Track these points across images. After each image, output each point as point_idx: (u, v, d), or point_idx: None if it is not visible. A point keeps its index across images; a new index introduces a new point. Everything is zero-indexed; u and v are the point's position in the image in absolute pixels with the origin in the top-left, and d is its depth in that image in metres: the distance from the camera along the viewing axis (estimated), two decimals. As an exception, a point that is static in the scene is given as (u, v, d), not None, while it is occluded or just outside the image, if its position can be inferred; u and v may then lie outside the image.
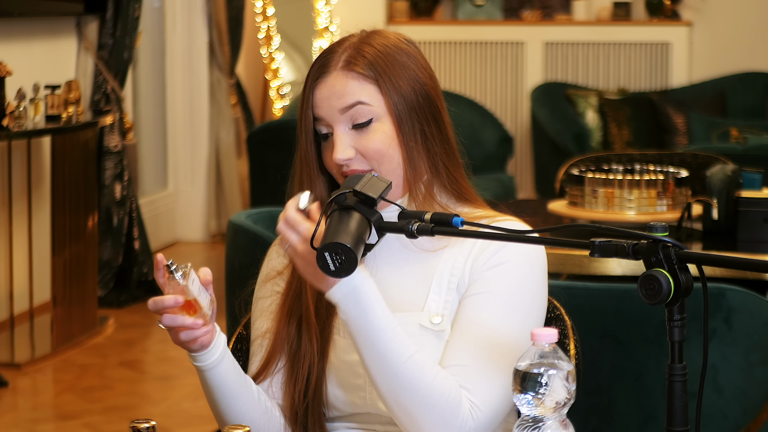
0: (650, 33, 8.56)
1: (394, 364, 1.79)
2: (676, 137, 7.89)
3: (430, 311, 1.90)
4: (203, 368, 1.87)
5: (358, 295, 1.77)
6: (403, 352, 1.79)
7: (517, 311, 1.88)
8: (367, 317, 1.78)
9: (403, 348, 1.79)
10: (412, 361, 1.80)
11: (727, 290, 2.70)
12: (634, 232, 1.58)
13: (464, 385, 1.83)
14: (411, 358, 1.80)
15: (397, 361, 1.79)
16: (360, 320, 1.78)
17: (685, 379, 1.55)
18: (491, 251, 1.91)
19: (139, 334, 5.80)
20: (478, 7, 8.76)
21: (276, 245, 2.07)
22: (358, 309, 1.78)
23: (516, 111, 8.71)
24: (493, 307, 1.88)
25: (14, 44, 5.73)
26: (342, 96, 1.91)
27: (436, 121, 1.96)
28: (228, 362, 1.88)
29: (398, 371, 1.79)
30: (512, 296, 1.89)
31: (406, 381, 1.79)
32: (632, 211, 4.07)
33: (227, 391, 1.89)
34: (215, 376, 1.88)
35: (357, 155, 1.92)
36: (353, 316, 1.78)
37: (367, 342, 1.79)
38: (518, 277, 1.90)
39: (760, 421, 2.68)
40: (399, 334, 1.80)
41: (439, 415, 1.80)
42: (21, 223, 5.64)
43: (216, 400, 1.91)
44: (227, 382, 1.89)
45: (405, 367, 1.79)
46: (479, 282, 1.90)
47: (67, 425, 4.52)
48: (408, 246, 1.95)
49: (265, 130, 6.24)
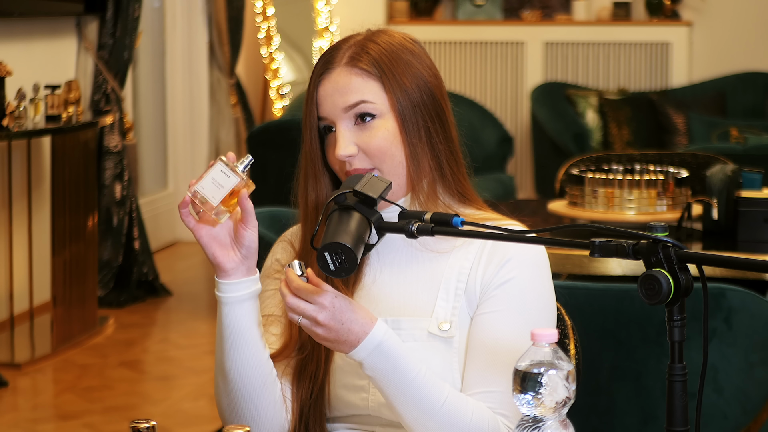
0: (650, 33, 8.56)
1: (431, 410, 1.79)
2: (676, 137, 7.89)
3: (439, 318, 1.90)
4: (224, 300, 1.85)
5: (384, 350, 1.77)
6: (439, 396, 1.80)
7: (536, 323, 1.87)
8: (397, 371, 1.78)
9: (438, 393, 1.80)
10: (449, 404, 1.80)
11: (727, 290, 2.70)
12: (634, 232, 1.58)
13: (498, 411, 1.84)
14: (447, 400, 1.80)
15: (434, 407, 1.79)
16: (391, 375, 1.78)
17: (685, 379, 1.55)
18: (496, 264, 1.90)
19: (139, 334, 5.80)
20: (478, 7, 8.76)
21: (281, 241, 2.07)
22: (386, 364, 1.77)
23: (516, 111, 8.71)
24: (510, 323, 1.87)
25: (14, 44, 5.73)
26: (345, 93, 1.91)
27: (441, 120, 1.96)
28: (251, 307, 1.86)
29: (436, 416, 1.79)
30: (527, 309, 1.89)
31: (446, 424, 1.80)
32: (632, 211, 4.07)
33: (240, 335, 1.86)
34: (234, 314, 1.85)
35: (359, 152, 1.91)
36: (382, 372, 1.78)
37: (400, 394, 1.79)
38: (529, 289, 1.90)
39: (760, 421, 2.68)
40: (431, 379, 1.80)
41: None
42: (21, 223, 5.64)
43: (225, 343, 1.86)
44: (243, 326, 1.85)
45: (443, 410, 1.79)
46: (491, 301, 1.89)
47: (67, 425, 4.52)
48: (413, 246, 1.94)
49: (265, 130, 6.24)
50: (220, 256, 1.84)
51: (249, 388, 1.89)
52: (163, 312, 6.23)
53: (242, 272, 1.85)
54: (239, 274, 1.85)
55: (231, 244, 1.85)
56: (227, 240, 1.85)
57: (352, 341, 1.76)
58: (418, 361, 1.80)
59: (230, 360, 1.88)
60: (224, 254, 1.84)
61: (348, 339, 1.76)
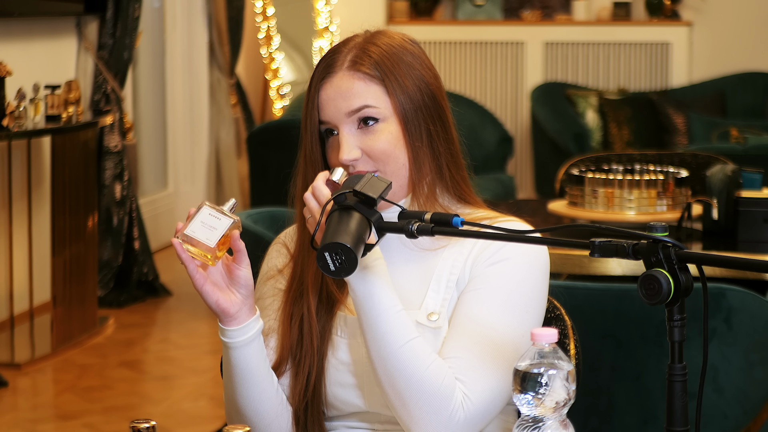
0: (650, 33, 8.56)
1: (391, 347, 1.80)
2: (676, 137, 7.89)
3: (428, 308, 1.91)
4: (228, 345, 1.87)
5: (366, 275, 1.79)
6: (402, 336, 1.81)
7: (515, 308, 1.88)
8: (372, 297, 1.80)
9: (403, 333, 1.81)
10: (409, 346, 1.81)
11: (727, 290, 2.70)
12: (634, 232, 1.58)
13: (458, 377, 1.84)
14: (408, 343, 1.81)
15: (395, 344, 1.80)
16: (366, 300, 1.80)
17: (685, 379, 1.55)
18: (493, 249, 1.92)
19: (139, 334, 5.80)
20: (478, 7, 8.76)
21: (276, 243, 2.07)
22: (365, 289, 1.79)
23: (516, 111, 8.71)
24: (492, 302, 1.88)
25: (14, 44, 5.73)
26: (348, 97, 1.91)
27: (442, 121, 1.96)
28: (258, 346, 1.88)
29: (394, 354, 1.81)
30: (511, 293, 1.89)
31: (401, 365, 1.81)
32: (632, 211, 4.07)
33: (251, 375, 1.89)
34: (238, 357, 1.87)
35: (363, 156, 1.92)
36: (360, 295, 1.80)
37: (369, 322, 1.81)
38: (518, 275, 1.90)
39: (760, 421, 2.68)
40: (401, 318, 1.81)
41: (431, 402, 1.81)
42: (21, 223, 5.64)
43: (237, 383, 1.90)
44: (253, 366, 1.88)
45: (401, 351, 1.81)
46: (479, 278, 1.91)
47: (67, 425, 4.52)
48: (408, 245, 1.95)
49: (265, 130, 6.25)
50: (223, 301, 1.85)
51: (263, 416, 1.93)
52: (163, 312, 6.23)
53: (246, 314, 1.87)
54: (244, 316, 1.87)
55: (227, 286, 1.87)
56: (224, 284, 1.87)
57: None
58: (398, 300, 1.82)
59: (242, 398, 1.91)
60: (226, 299, 1.86)
61: None
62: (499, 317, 1.87)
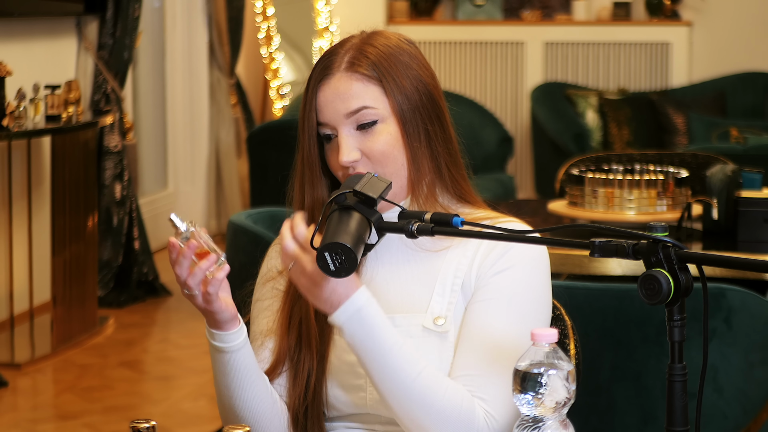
0: (650, 33, 8.56)
1: (405, 382, 1.79)
2: (676, 137, 7.89)
3: (434, 313, 1.90)
4: (226, 349, 1.86)
5: (363, 317, 1.77)
6: (413, 369, 1.79)
7: (525, 316, 1.88)
8: (374, 338, 1.78)
9: (413, 365, 1.80)
10: (422, 377, 1.80)
11: (727, 290, 2.70)
12: (634, 232, 1.58)
13: (477, 394, 1.83)
14: (420, 374, 1.80)
15: (407, 378, 1.79)
16: (367, 342, 1.78)
17: (685, 379, 1.55)
18: (496, 255, 1.91)
19: (139, 334, 5.80)
20: (478, 7, 8.76)
21: (276, 244, 2.07)
22: (363, 331, 1.78)
23: (516, 111, 8.71)
24: (501, 313, 1.87)
25: (14, 44, 5.73)
26: (346, 99, 1.91)
27: (440, 120, 1.96)
28: (249, 349, 1.88)
29: (409, 389, 1.79)
30: (519, 301, 1.88)
31: (418, 398, 1.79)
32: (632, 211, 4.07)
33: (245, 377, 1.88)
34: (236, 360, 1.87)
35: (362, 157, 1.91)
36: (359, 338, 1.78)
37: (375, 362, 1.79)
38: (525, 280, 1.90)
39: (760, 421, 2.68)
40: (407, 351, 1.80)
41: (454, 427, 1.80)
42: (21, 223, 5.64)
43: (231, 387, 1.89)
44: (246, 368, 1.88)
45: (415, 384, 1.79)
46: (486, 288, 1.89)
47: (67, 425, 4.52)
48: (410, 245, 1.94)
49: (265, 130, 6.25)
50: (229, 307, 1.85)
51: (261, 416, 1.92)
52: (163, 312, 6.23)
53: (236, 317, 1.86)
54: (236, 320, 1.86)
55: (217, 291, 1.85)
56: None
57: (334, 301, 1.77)
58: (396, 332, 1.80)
59: (240, 400, 1.90)
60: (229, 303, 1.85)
61: (330, 298, 1.77)
62: (510, 327, 1.86)
